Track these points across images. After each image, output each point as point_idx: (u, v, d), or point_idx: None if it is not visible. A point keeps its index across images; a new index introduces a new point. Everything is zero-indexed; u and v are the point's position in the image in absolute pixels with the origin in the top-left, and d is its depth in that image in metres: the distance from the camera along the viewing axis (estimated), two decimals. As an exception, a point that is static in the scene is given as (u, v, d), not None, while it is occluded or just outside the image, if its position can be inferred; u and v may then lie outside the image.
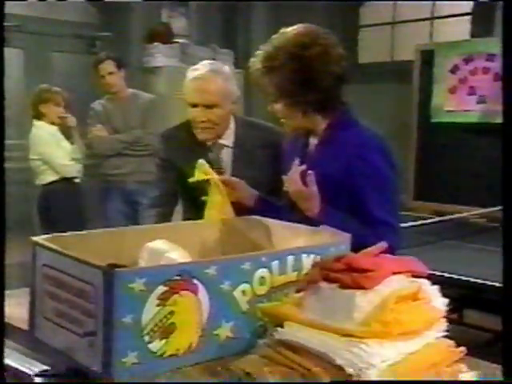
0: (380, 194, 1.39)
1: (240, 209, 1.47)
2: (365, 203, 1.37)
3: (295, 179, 1.34)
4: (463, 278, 2.18)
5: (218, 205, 1.42)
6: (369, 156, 1.40)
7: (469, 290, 2.30)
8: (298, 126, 1.47)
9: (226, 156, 1.80)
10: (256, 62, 1.42)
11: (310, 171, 1.33)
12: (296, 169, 1.35)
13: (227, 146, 1.83)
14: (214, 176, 1.43)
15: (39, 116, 3.29)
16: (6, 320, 0.95)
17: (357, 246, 1.10)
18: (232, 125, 1.84)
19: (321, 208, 1.35)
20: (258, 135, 1.85)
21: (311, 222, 1.32)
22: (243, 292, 1.01)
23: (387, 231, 1.36)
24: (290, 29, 1.43)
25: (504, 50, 0.87)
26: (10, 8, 1.30)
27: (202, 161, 1.44)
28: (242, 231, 1.37)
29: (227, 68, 1.84)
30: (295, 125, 1.47)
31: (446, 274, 2.17)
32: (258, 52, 1.44)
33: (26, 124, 3.41)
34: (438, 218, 3.34)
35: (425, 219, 3.27)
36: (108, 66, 3.20)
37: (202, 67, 1.79)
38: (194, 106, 1.74)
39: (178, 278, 0.93)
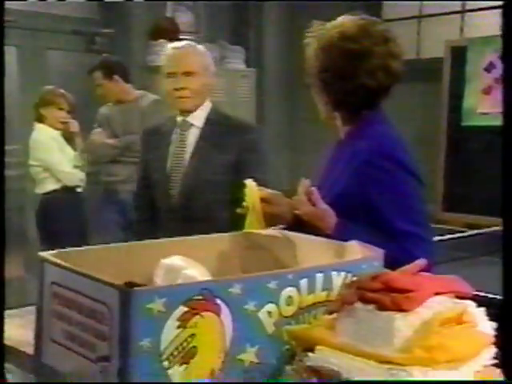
0: (400, 203, 1.39)
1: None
2: (384, 214, 1.38)
3: (303, 201, 1.35)
4: (499, 298, 2.17)
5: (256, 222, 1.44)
6: (382, 162, 1.41)
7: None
8: (348, 121, 1.50)
9: (192, 136, 1.96)
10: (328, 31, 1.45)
11: (312, 188, 1.34)
12: (303, 189, 1.35)
13: (195, 126, 1.94)
14: (257, 196, 1.45)
15: (41, 119, 3.32)
16: (9, 343, 0.96)
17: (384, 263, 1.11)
18: (207, 107, 1.96)
19: (337, 224, 1.36)
20: (230, 126, 1.95)
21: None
22: (269, 313, 1.01)
23: (415, 244, 1.36)
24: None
25: (504, 51, 0.88)
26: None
27: (250, 181, 1.46)
28: (263, 246, 1.38)
29: (203, 47, 2.06)
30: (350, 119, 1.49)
31: (481, 293, 2.16)
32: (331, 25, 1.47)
33: (21, 127, 3.44)
34: (470, 232, 3.34)
35: (455, 233, 3.26)
36: (95, 78, 3.27)
37: (181, 43, 2.06)
38: (172, 75, 1.86)
39: (199, 297, 0.93)
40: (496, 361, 0.91)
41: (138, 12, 4.54)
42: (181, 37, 4.63)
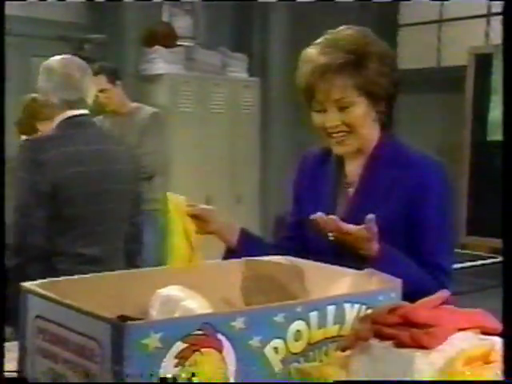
0: (442, 231, 1.43)
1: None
2: (426, 242, 1.41)
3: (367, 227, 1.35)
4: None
5: (185, 245, 1.40)
6: (433, 184, 1.46)
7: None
8: (363, 141, 1.51)
9: None
10: (325, 54, 1.46)
11: (371, 215, 1.35)
12: (369, 219, 1.35)
13: None
14: (185, 209, 1.44)
15: (30, 132, 3.25)
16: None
17: (411, 294, 1.11)
18: None
19: (381, 247, 1.38)
20: None
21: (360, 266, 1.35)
22: (276, 349, 1.01)
23: (446, 276, 1.40)
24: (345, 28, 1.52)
25: (505, 51, 0.91)
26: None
27: (171, 194, 1.45)
28: (269, 275, 1.38)
29: None
30: (362, 140, 1.51)
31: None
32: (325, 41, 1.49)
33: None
34: (497, 258, 3.33)
35: (481, 259, 3.26)
36: (99, 82, 3.23)
37: None
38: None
39: (199, 332, 0.94)
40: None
41: (130, 16, 4.59)
42: (178, 43, 4.70)
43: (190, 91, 4.62)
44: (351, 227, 1.36)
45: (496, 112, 3.94)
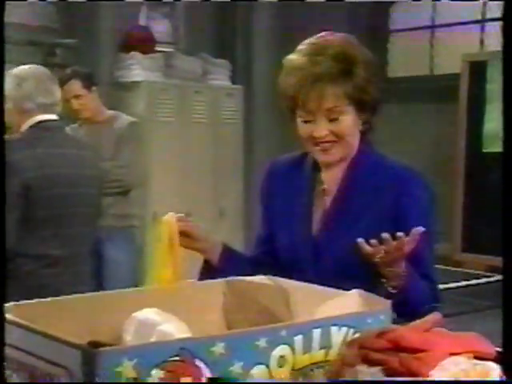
0: (429, 241, 1.46)
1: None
2: (420, 257, 1.44)
3: (412, 240, 1.36)
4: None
5: (170, 261, 1.42)
6: (418, 193, 1.52)
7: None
8: (349, 151, 1.55)
9: None
10: (316, 63, 1.48)
11: (420, 227, 1.36)
12: (418, 230, 1.36)
13: None
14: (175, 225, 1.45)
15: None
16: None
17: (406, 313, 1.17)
18: None
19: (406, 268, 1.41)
20: None
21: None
22: (258, 376, 1.01)
23: (437, 289, 1.46)
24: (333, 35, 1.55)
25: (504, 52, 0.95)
26: None
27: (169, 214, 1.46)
28: (251, 296, 1.38)
29: None
30: (348, 149, 1.54)
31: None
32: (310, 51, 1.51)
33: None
34: (494, 277, 3.35)
35: (476, 277, 3.27)
36: (73, 88, 3.23)
37: None
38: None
39: (177, 358, 0.94)
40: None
41: (105, 19, 4.59)
42: (157, 49, 4.71)
43: (169, 100, 4.62)
44: (404, 240, 1.36)
45: (491, 122, 3.98)
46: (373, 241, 1.35)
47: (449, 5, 4.76)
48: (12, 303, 1.10)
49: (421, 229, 1.34)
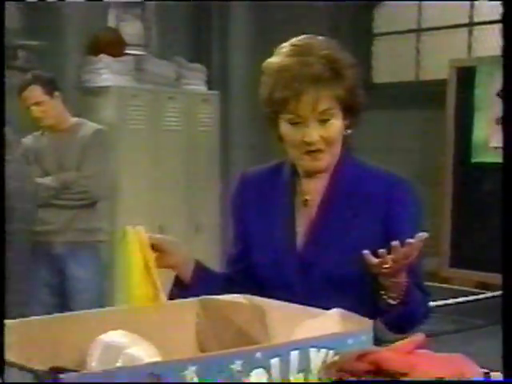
0: (420, 253, 1.48)
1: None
2: (414, 267, 1.46)
3: (417, 247, 1.38)
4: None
5: (148, 282, 1.41)
6: (405, 200, 1.55)
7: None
8: (335, 157, 1.57)
9: None
10: (307, 65, 1.49)
11: (423, 233, 1.37)
12: (421, 236, 1.38)
13: None
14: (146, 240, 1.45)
15: None
16: None
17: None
18: None
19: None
20: None
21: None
22: (232, 402, 1.02)
23: (429, 308, 1.51)
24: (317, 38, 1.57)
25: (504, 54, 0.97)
26: None
27: (130, 227, 1.45)
28: (226, 316, 1.38)
29: None
30: (335, 155, 1.56)
31: (497, 373, 2.19)
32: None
33: None
34: (483, 294, 3.37)
35: (465, 294, 3.29)
36: (34, 94, 3.22)
37: None
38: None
39: (145, 384, 0.94)
40: None
41: (72, 20, 4.58)
42: (127, 52, 4.70)
43: (141, 106, 4.61)
44: (412, 245, 1.37)
45: (480, 131, 4.03)
46: (381, 251, 1.36)
47: (435, 8, 4.80)
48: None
49: (424, 234, 1.36)
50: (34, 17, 4.54)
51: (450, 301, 3.12)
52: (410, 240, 1.35)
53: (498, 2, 4.45)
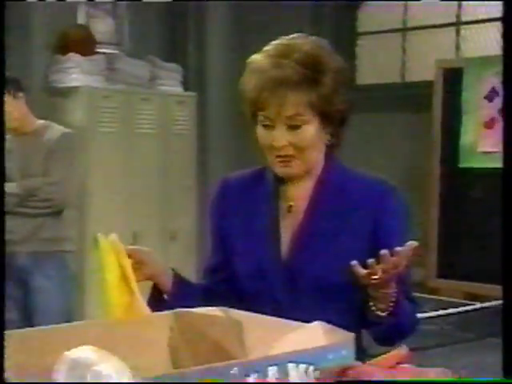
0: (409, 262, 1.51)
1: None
2: (403, 277, 1.48)
3: (405, 255, 1.38)
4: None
5: (126, 293, 1.42)
6: (393, 208, 1.57)
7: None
8: (311, 165, 1.57)
9: None
10: (279, 67, 1.51)
11: (413, 242, 1.39)
12: (411, 244, 1.39)
13: None
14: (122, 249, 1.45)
15: None
16: None
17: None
18: None
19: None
20: None
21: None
22: (207, 421, 1.02)
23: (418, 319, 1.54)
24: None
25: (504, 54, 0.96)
26: None
27: (100, 235, 1.45)
28: (201, 330, 1.38)
29: None
30: (310, 162, 1.57)
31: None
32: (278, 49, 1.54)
33: None
34: (472, 305, 3.39)
35: (453, 306, 3.31)
36: None
37: None
38: None
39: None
40: None
41: (39, 17, 4.55)
42: (98, 50, 4.69)
43: (112, 108, 4.59)
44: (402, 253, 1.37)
45: (468, 134, 4.04)
46: (370, 260, 1.37)
47: (422, 6, 4.83)
48: None
49: (414, 243, 1.37)
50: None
51: (438, 312, 3.13)
52: (399, 248, 1.36)
53: (487, 1, 4.49)
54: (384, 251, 1.36)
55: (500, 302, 3.41)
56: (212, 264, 1.68)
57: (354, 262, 1.39)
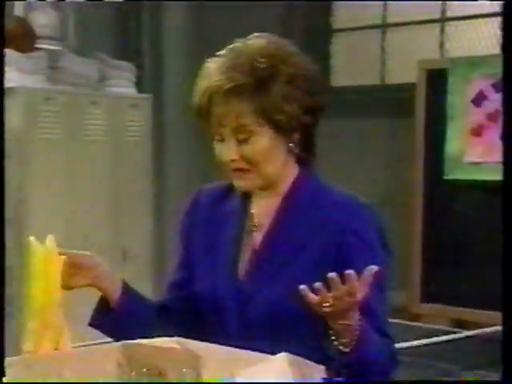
0: (380, 288, 1.51)
1: None
2: (372, 307, 1.47)
3: (365, 283, 1.37)
4: None
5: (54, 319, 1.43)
6: (364, 228, 1.57)
7: None
8: (269, 179, 1.59)
9: None
10: (222, 73, 1.53)
11: (373, 267, 1.37)
12: (370, 270, 1.38)
13: None
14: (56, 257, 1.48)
15: None
16: None
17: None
18: None
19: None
20: None
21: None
22: None
23: (395, 353, 1.55)
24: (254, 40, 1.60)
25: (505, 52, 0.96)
26: None
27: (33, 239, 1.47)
28: (153, 364, 1.37)
29: None
30: (267, 176, 1.58)
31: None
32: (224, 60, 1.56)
33: None
34: (459, 333, 3.40)
35: (438, 334, 3.31)
36: None
37: None
38: None
39: None
40: None
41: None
42: (39, 46, 4.64)
43: (55, 111, 4.53)
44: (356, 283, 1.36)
45: (453, 143, 4.06)
46: (317, 284, 1.36)
47: (403, 1, 4.86)
48: None
49: (374, 268, 1.36)
50: None
51: (422, 341, 3.14)
52: (350, 272, 1.34)
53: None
54: (331, 274, 1.35)
55: (492, 328, 3.43)
56: (175, 279, 1.71)
57: (303, 287, 1.37)
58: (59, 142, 4.55)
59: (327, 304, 1.37)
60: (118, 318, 1.56)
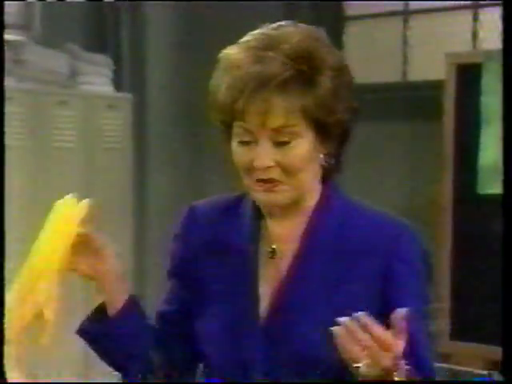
0: (424, 318, 1.55)
1: None
2: (413, 339, 1.43)
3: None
4: None
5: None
6: (410, 254, 1.58)
7: None
8: (301, 193, 1.58)
9: None
10: (263, 61, 1.50)
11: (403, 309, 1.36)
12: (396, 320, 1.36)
13: None
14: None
15: None
16: None
17: None
18: None
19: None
20: None
21: None
22: None
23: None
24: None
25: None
26: None
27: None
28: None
29: None
30: (302, 189, 1.57)
31: None
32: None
33: None
34: (497, 376, 3.36)
35: (473, 376, 3.27)
36: None
37: None
38: None
39: None
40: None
41: None
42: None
43: (18, 113, 4.51)
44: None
45: (489, 151, 4.04)
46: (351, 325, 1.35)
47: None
48: None
49: (403, 311, 1.35)
50: None
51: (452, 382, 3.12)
52: (368, 322, 1.33)
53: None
54: (345, 320, 1.34)
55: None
56: (166, 311, 1.70)
57: (336, 328, 1.35)
58: (22, 149, 4.52)
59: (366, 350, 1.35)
60: (111, 335, 1.56)
